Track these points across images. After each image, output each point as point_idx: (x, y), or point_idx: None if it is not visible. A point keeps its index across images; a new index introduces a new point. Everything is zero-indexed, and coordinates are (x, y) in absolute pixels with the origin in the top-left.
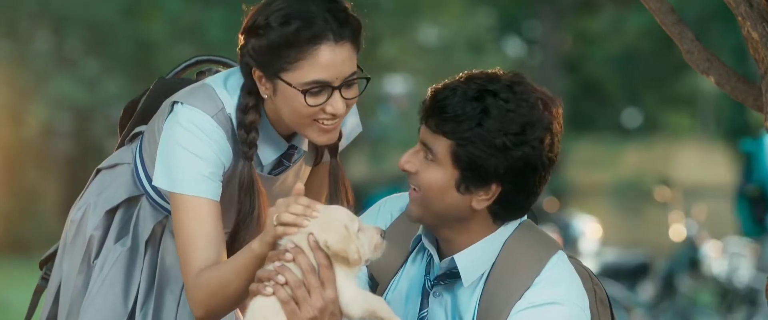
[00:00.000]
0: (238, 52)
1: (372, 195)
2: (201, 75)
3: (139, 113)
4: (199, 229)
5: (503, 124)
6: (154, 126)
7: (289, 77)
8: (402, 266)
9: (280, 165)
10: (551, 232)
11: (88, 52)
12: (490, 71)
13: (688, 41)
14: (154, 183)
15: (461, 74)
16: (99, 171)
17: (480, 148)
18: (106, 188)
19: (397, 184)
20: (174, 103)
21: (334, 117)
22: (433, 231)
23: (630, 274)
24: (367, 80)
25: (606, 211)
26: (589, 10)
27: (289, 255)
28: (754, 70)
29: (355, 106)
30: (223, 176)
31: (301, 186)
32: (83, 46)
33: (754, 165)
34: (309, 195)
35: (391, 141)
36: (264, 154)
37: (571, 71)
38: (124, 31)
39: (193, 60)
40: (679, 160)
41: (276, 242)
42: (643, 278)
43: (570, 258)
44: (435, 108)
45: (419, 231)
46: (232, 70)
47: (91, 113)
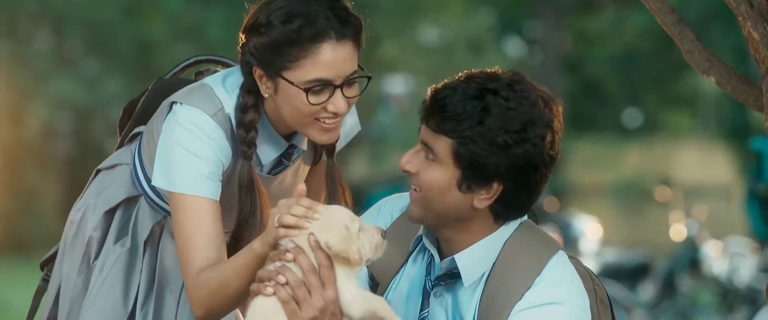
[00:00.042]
0: (239, 51)
1: (372, 196)
2: (199, 75)
3: (138, 113)
4: (199, 229)
5: (504, 122)
6: (153, 126)
7: (291, 76)
8: (402, 266)
9: (279, 165)
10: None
11: (88, 52)
12: (489, 70)
13: (688, 41)
14: (153, 183)
15: (461, 74)
16: (98, 171)
17: (481, 147)
18: (106, 189)
19: (397, 184)
20: (173, 103)
21: (335, 116)
22: (434, 232)
23: (630, 274)
24: (368, 79)
25: (606, 211)
26: (589, 10)
27: (289, 255)
28: (754, 70)
29: (353, 105)
30: (223, 176)
31: (303, 187)
32: (83, 46)
33: (765, 164)
34: (308, 195)
35: (391, 141)
36: (264, 154)
37: (572, 71)
38: (124, 31)
39: (191, 60)
40: (679, 160)
41: (277, 242)
42: (644, 278)
43: (570, 258)
44: (435, 107)
45: (420, 232)
46: (230, 69)
47: (91, 113)
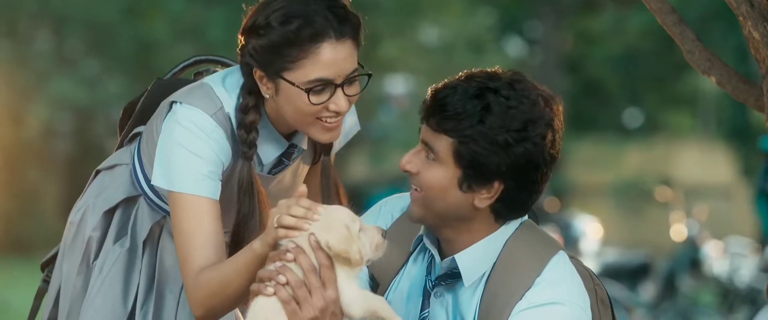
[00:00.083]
0: (238, 53)
1: (372, 196)
2: (199, 75)
3: (138, 114)
4: (199, 228)
5: (505, 121)
6: (153, 126)
7: (292, 76)
8: (403, 266)
9: (279, 164)
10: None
11: (88, 52)
12: (489, 70)
13: (689, 41)
14: (152, 182)
15: (461, 73)
16: (98, 172)
17: (482, 146)
18: (105, 189)
19: (397, 185)
20: (172, 102)
21: (337, 114)
22: (435, 231)
23: (631, 274)
24: (369, 76)
25: (607, 211)
26: (590, 10)
27: (290, 255)
28: (755, 70)
29: (353, 105)
30: (223, 175)
31: (304, 188)
32: (84, 46)
33: None
34: (309, 194)
35: (391, 141)
36: (264, 153)
37: (572, 71)
38: (124, 31)
39: (191, 60)
40: (680, 160)
41: (277, 242)
42: (644, 278)
43: (571, 258)
44: (436, 107)
45: (420, 232)
46: (230, 69)
47: (91, 113)
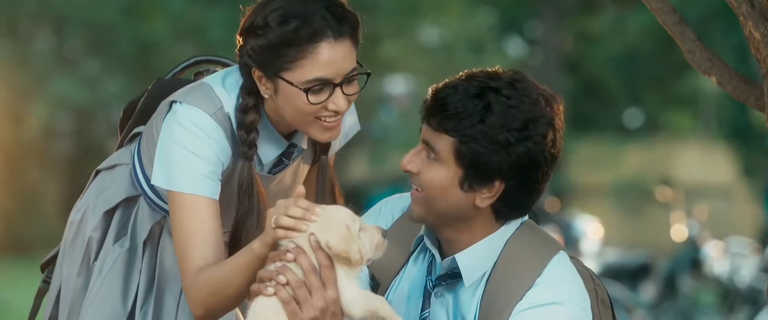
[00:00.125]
0: (237, 53)
1: (373, 196)
2: (199, 75)
3: (138, 114)
4: (198, 228)
5: (506, 120)
6: (153, 126)
7: (290, 76)
8: (403, 266)
9: (279, 164)
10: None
11: (88, 52)
12: (490, 69)
13: (689, 41)
14: (152, 182)
15: (461, 73)
16: (98, 172)
17: (483, 145)
18: (105, 189)
19: (398, 185)
20: (172, 102)
21: (336, 114)
22: (436, 231)
23: (631, 274)
24: (368, 75)
25: (607, 211)
26: (590, 9)
27: (290, 256)
28: (755, 70)
29: (352, 104)
30: (222, 175)
31: (302, 189)
32: (84, 46)
33: None
34: (307, 194)
35: (392, 141)
36: (264, 153)
37: (573, 71)
38: (124, 31)
39: (192, 60)
40: (680, 160)
41: (277, 242)
42: (645, 278)
43: (571, 258)
44: (436, 106)
45: (421, 232)
46: (230, 69)
47: (91, 113)
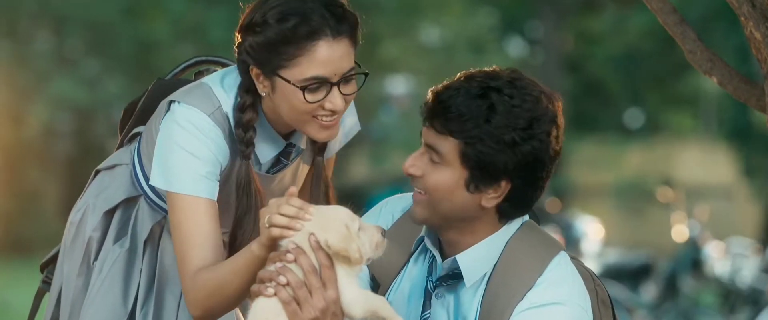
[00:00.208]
0: (235, 50)
1: (373, 196)
2: (199, 75)
3: (138, 114)
4: (197, 229)
5: (510, 120)
6: (152, 126)
7: (288, 74)
8: (404, 267)
9: (278, 164)
10: (553, 233)
11: (88, 52)
12: (487, 69)
13: (690, 41)
14: (151, 182)
15: (459, 74)
16: (98, 172)
17: (488, 145)
18: (105, 189)
19: (398, 185)
20: (171, 102)
21: (333, 113)
22: (439, 233)
23: (632, 275)
24: (365, 75)
25: (608, 212)
26: (590, 9)
27: (290, 256)
28: (756, 70)
29: (352, 105)
30: (220, 175)
31: (294, 188)
32: (84, 46)
33: None
34: (302, 194)
35: (392, 141)
36: (262, 153)
37: (573, 71)
38: (124, 31)
39: (192, 60)
40: (681, 161)
41: (275, 243)
42: (646, 279)
43: (572, 258)
44: (438, 109)
45: (421, 232)
46: (228, 68)
47: (91, 113)
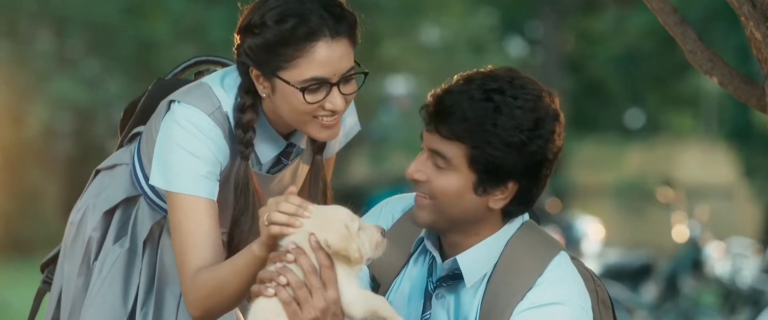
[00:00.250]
0: (235, 52)
1: (373, 196)
2: (199, 75)
3: (138, 114)
4: (196, 229)
5: (516, 121)
6: (152, 126)
7: (287, 75)
8: (404, 267)
9: (278, 164)
10: (553, 233)
11: (88, 52)
12: (483, 70)
13: (690, 41)
14: (151, 182)
15: (457, 77)
16: (98, 172)
17: (497, 148)
18: (105, 189)
19: (398, 185)
20: (171, 101)
21: (333, 113)
22: (442, 235)
23: (633, 275)
24: (365, 75)
25: (608, 212)
26: (591, 10)
27: (290, 256)
28: (757, 70)
29: (353, 105)
30: (220, 175)
31: (293, 187)
32: (84, 46)
33: None
34: (301, 194)
35: (392, 141)
36: (262, 153)
37: (574, 71)
38: (125, 31)
39: (192, 60)
40: (681, 161)
41: (275, 242)
42: (646, 279)
43: (572, 259)
44: (442, 113)
45: (422, 233)
46: (228, 68)
47: (91, 113)
